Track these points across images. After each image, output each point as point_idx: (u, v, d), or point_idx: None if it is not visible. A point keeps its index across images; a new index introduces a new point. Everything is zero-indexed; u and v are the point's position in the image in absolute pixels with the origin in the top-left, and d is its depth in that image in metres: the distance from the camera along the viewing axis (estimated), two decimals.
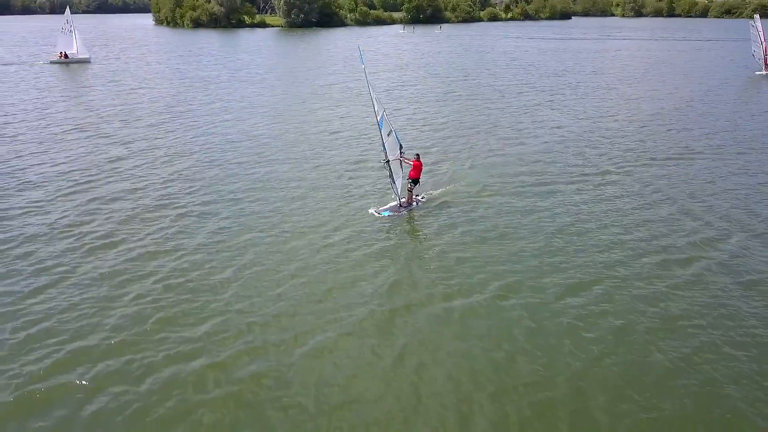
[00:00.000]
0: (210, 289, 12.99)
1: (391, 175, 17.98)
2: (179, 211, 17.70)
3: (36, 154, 24.01)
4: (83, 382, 9.85)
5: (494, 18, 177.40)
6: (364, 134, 27.87)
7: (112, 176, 21.24)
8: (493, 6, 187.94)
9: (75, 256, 14.53)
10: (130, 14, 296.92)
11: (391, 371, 10.31)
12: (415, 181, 18.04)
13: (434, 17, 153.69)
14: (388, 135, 17.87)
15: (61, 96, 39.20)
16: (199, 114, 33.14)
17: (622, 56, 70.42)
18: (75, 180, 20.73)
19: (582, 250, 15.00)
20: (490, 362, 10.47)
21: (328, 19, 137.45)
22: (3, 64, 57.73)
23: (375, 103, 17.19)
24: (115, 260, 14.29)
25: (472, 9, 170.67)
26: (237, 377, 10.04)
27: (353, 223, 16.89)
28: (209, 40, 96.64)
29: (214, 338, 11.12)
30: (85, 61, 58.56)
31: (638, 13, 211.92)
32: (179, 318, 11.79)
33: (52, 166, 22.28)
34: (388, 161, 17.69)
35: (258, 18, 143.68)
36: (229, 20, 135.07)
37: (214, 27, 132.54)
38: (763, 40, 50.89)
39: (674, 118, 32.42)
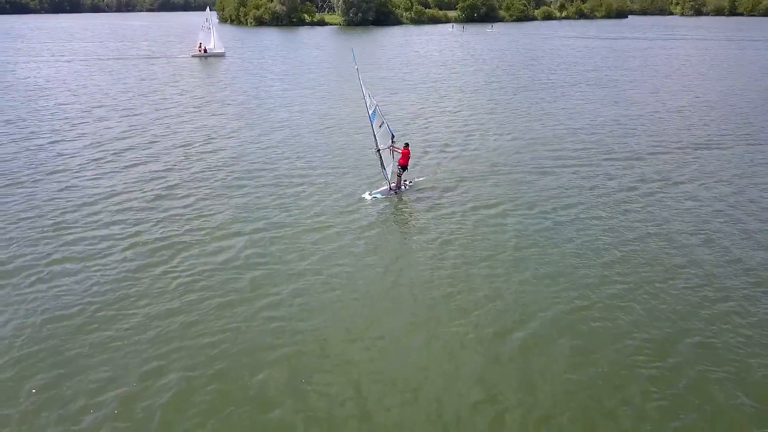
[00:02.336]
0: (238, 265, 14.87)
1: (381, 163, 19.82)
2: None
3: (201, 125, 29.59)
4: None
5: (548, 17, 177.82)
6: (401, 119, 32.06)
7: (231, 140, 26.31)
8: (548, 5, 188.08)
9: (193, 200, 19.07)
10: (190, 12, 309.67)
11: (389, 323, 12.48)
12: (404, 167, 19.88)
13: (488, 16, 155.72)
14: (380, 126, 19.60)
15: (211, 83, 47.34)
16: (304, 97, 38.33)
17: (666, 55, 71.49)
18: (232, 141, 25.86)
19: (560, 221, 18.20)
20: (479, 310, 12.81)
21: (385, 18, 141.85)
22: (153, 58, 66.83)
23: (366, 98, 18.92)
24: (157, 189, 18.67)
25: (526, 8, 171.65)
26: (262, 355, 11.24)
27: (351, 203, 19.26)
28: (285, 37, 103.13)
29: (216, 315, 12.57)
30: (220, 55, 65.85)
31: (698, 12, 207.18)
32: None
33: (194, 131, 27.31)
34: (379, 150, 19.48)
35: (317, 16, 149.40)
36: (290, 18, 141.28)
37: (276, 25, 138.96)
38: None
39: (693, 113, 34.90)
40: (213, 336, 11.83)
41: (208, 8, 68.80)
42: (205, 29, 66.65)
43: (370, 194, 19.94)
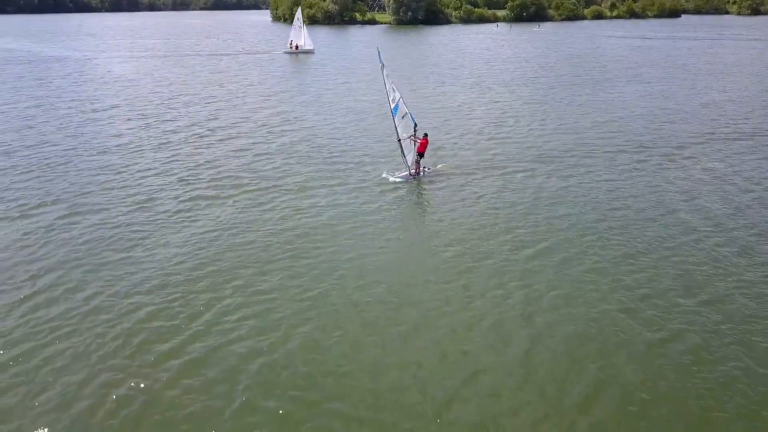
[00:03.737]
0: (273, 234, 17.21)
1: (402, 151, 21.92)
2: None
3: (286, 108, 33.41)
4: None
5: (599, 16, 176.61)
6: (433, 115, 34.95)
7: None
8: (598, 4, 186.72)
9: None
10: (243, 11, 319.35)
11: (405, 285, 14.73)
12: (421, 155, 22.02)
13: (538, 15, 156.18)
14: (403, 117, 21.59)
15: (297, 74, 51.54)
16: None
17: (711, 54, 71.71)
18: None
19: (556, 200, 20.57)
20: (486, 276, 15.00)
21: (434, 17, 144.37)
22: (250, 54, 73.86)
23: (389, 92, 21.17)
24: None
25: (575, 7, 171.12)
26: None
27: (376, 186, 21.54)
28: (339, 35, 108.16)
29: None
30: (310, 52, 71.52)
31: (756, 11, 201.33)
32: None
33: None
34: (399, 140, 21.65)
35: (368, 15, 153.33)
36: (341, 17, 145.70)
37: (328, 24, 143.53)
38: None
39: (723, 109, 36.52)
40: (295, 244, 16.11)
41: (299, 9, 74.31)
42: (296, 28, 72.23)
43: (392, 176, 22.14)
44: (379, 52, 23.21)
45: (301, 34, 71.34)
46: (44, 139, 27.79)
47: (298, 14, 72.07)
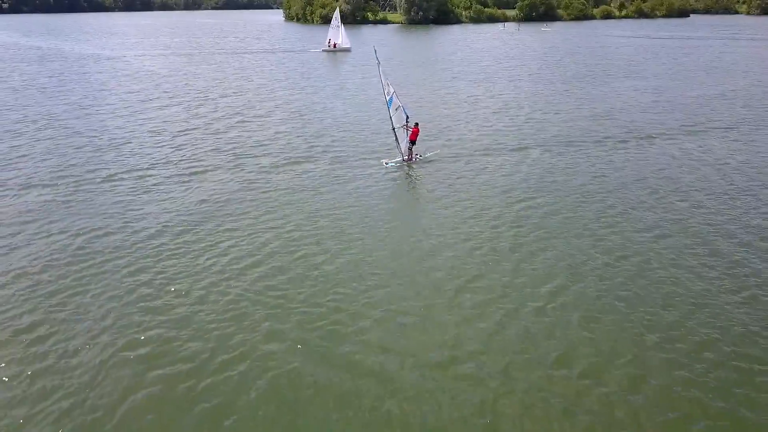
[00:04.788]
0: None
1: (396, 139, 24.46)
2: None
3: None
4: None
5: (608, 16, 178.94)
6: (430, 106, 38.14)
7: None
8: (607, 4, 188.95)
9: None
10: (254, 10, 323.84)
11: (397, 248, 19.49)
12: (413, 142, 24.28)
13: (547, 15, 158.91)
14: (396, 110, 24.17)
15: (331, 71, 54.77)
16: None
17: (713, 52, 74.36)
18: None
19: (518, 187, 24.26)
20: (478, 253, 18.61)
21: (445, 17, 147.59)
22: (291, 51, 77.62)
23: (384, 87, 23.97)
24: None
25: (585, 7, 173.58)
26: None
27: (373, 170, 23.80)
28: (352, 34, 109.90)
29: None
30: (347, 50, 75.35)
31: (765, 11, 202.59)
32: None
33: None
34: (394, 129, 24.16)
35: (380, 15, 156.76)
36: (354, 17, 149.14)
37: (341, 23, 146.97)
38: None
39: (715, 102, 39.61)
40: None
41: (337, 9, 78.00)
42: (334, 27, 76.15)
43: (386, 163, 24.44)
44: (375, 50, 26.21)
45: (338, 33, 75.25)
46: (102, 125, 31.59)
47: (336, 14, 76.65)
